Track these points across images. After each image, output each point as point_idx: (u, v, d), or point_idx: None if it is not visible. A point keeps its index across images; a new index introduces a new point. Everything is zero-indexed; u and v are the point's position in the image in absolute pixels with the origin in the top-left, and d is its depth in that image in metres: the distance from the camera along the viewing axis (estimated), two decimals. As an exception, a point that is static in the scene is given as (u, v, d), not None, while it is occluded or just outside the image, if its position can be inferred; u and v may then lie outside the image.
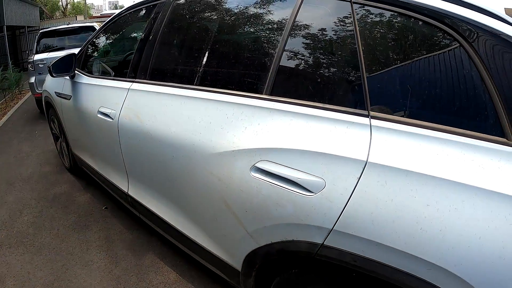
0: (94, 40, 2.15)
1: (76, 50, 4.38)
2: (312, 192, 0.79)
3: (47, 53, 4.78)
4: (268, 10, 1.08)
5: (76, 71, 2.07)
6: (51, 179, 2.74)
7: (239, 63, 1.14)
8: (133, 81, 1.49)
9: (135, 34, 2.68)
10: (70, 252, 1.82)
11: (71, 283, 1.59)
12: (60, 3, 25.07)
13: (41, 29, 8.35)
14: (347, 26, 0.86)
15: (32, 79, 4.59)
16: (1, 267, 1.75)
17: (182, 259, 1.69)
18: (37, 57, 4.66)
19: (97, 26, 5.41)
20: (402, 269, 0.69)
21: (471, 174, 0.64)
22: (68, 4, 26.19)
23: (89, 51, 2.16)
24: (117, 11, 2.06)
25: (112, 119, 1.54)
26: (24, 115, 5.07)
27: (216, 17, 1.29)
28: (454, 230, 0.62)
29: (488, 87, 0.67)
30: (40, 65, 4.55)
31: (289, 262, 0.94)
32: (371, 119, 0.77)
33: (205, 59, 1.22)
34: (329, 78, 0.89)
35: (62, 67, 2.03)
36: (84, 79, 1.97)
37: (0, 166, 3.13)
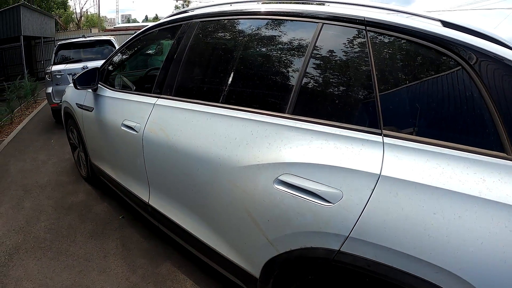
0: (117, 55, 2.25)
1: (92, 63, 4.56)
2: (331, 203, 0.88)
3: (64, 64, 4.93)
4: (291, 35, 1.17)
5: (99, 85, 2.18)
6: (67, 187, 2.80)
7: (263, 84, 1.22)
8: (158, 97, 1.58)
9: (158, 52, 2.79)
10: (87, 259, 1.86)
11: (89, 288, 1.63)
12: (75, 15, 25.90)
13: (58, 40, 8.58)
14: (362, 51, 0.96)
15: (49, 89, 4.72)
16: (18, 271, 1.79)
17: (198, 268, 1.73)
18: (55, 68, 4.81)
19: (113, 39, 5.54)
20: (411, 272, 0.76)
21: (473, 186, 0.72)
22: (82, 17, 27.05)
23: (112, 66, 2.26)
24: (132, 25, 2.16)
25: (137, 132, 1.62)
26: (39, 124, 5.18)
27: (241, 38, 1.39)
28: (459, 236, 0.70)
29: (489, 106, 0.76)
30: (57, 76, 4.71)
31: (306, 269, 1.01)
32: (384, 137, 0.86)
33: (230, 79, 1.30)
34: (346, 99, 0.98)
35: (86, 81, 2.15)
36: (107, 92, 2.07)
37: (17, 173, 3.21)
